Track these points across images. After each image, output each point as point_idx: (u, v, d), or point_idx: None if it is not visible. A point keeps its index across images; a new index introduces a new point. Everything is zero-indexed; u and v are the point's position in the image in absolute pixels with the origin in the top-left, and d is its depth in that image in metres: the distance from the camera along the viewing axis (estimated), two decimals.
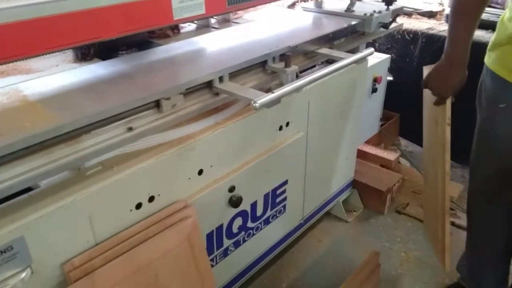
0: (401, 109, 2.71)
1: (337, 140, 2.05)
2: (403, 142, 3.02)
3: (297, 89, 1.29)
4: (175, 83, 1.18)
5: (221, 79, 1.30)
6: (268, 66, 1.46)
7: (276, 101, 1.21)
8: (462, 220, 2.34)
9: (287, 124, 1.64)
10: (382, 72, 2.26)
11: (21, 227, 0.94)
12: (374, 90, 2.24)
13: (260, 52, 1.43)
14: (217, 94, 1.32)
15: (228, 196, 1.45)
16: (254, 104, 1.15)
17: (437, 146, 1.62)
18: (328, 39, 1.67)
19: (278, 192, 1.72)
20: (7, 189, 0.89)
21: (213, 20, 1.96)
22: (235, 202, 1.45)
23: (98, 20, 1.14)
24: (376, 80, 2.21)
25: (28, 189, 1.03)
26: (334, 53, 1.61)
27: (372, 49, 1.62)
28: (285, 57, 1.42)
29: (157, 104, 1.16)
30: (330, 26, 1.76)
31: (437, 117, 1.59)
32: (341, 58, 1.52)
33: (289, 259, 2.06)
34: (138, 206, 1.18)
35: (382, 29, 1.91)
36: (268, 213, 1.71)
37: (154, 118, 1.17)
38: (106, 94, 1.11)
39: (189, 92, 1.25)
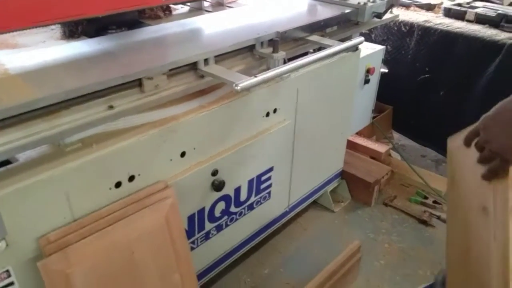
0: (394, 102, 2.71)
1: (327, 130, 2.05)
2: (396, 135, 3.02)
3: (282, 75, 1.28)
4: (159, 63, 1.17)
5: (206, 61, 1.29)
6: (256, 51, 1.45)
7: (259, 85, 1.20)
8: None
9: (275, 110, 1.64)
10: (376, 63, 2.25)
11: None
12: (366, 81, 2.23)
13: (249, 36, 1.42)
14: (202, 76, 1.32)
15: (210, 180, 1.46)
16: (236, 87, 1.14)
17: (487, 249, 0.93)
18: (320, 27, 1.66)
19: (263, 178, 1.72)
20: None
21: (206, 3, 1.95)
22: (217, 186, 1.46)
23: None
24: (369, 71, 2.20)
25: (7, 162, 1.03)
26: (324, 40, 1.60)
27: (361, 38, 1.62)
28: (273, 42, 1.41)
29: (139, 84, 1.16)
30: (323, 13, 1.75)
31: (486, 200, 0.95)
32: (331, 46, 1.51)
33: (273, 246, 2.07)
34: (118, 184, 1.18)
35: (376, 19, 1.90)
36: (252, 198, 1.72)
37: (136, 98, 1.16)
38: (88, 71, 1.10)
39: (173, 73, 1.24)
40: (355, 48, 1.96)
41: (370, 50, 2.22)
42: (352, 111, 2.18)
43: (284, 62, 1.48)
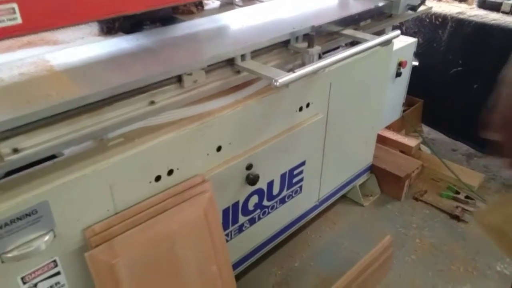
0: (425, 95, 2.66)
1: (357, 124, 2.03)
2: (426, 129, 2.97)
3: (319, 70, 1.28)
4: (197, 58, 1.19)
5: (243, 57, 1.30)
6: (291, 46, 1.45)
7: (297, 80, 1.20)
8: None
9: (308, 105, 1.64)
10: (408, 56, 2.21)
11: (45, 192, 0.98)
12: (398, 74, 2.20)
13: (283, 31, 1.42)
14: (238, 72, 1.32)
15: (245, 174, 1.47)
16: (275, 83, 1.15)
17: None
18: (354, 20, 1.64)
19: (295, 172, 1.73)
20: (32, 155, 0.92)
21: None
22: (252, 180, 1.47)
23: None
24: (401, 64, 2.17)
25: (53, 157, 1.07)
26: (359, 34, 1.59)
27: (398, 32, 1.59)
28: (308, 37, 1.40)
29: (179, 79, 1.18)
30: (356, 6, 1.73)
31: None
32: (366, 40, 1.50)
33: (303, 239, 2.08)
34: (158, 178, 1.21)
35: (410, 11, 1.86)
36: (284, 192, 1.73)
37: (176, 93, 1.18)
38: (130, 67, 1.13)
39: (211, 69, 1.25)
40: (389, 42, 1.94)
41: (403, 43, 2.18)
42: (383, 105, 2.16)
43: (319, 57, 1.48)
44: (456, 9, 2.39)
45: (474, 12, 2.33)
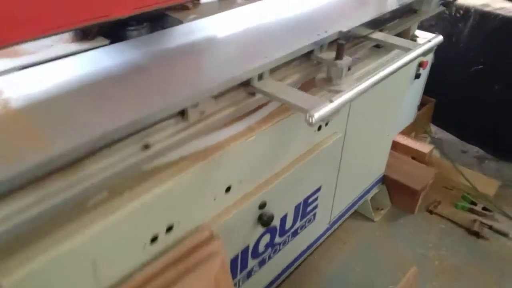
0: (438, 94, 2.43)
1: (374, 135, 1.79)
2: (433, 128, 2.76)
3: (362, 93, 1.01)
4: (205, 83, 0.90)
5: (260, 76, 1.02)
6: (314, 56, 1.17)
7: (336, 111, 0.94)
8: (501, 224, 2.13)
9: (327, 123, 1.38)
10: (429, 56, 1.96)
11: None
12: (417, 76, 1.94)
13: (303, 37, 1.14)
14: (253, 93, 1.05)
15: (257, 214, 1.21)
16: (310, 119, 0.88)
17: None
18: (383, 21, 1.37)
19: (310, 200, 1.48)
20: None
21: None
22: (266, 221, 1.21)
23: None
24: (421, 65, 1.91)
25: None
26: (392, 39, 1.32)
27: (440, 37, 1.33)
28: (338, 46, 1.13)
29: (181, 112, 0.89)
30: (380, 3, 1.45)
31: None
32: (405, 48, 1.23)
33: (311, 267, 1.85)
34: (154, 239, 0.94)
35: (441, 7, 1.60)
36: (297, 224, 1.48)
37: (177, 130, 0.90)
38: (116, 100, 0.83)
39: (221, 93, 0.97)
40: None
41: (425, 40, 1.92)
42: (400, 110, 1.91)
43: (348, 69, 1.21)
44: (480, 0, 2.14)
45: (500, 5, 2.08)
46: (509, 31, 2.01)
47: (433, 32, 2.19)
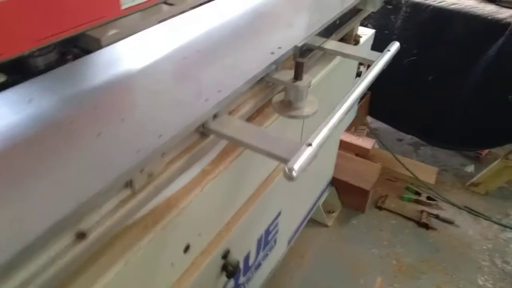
0: (372, 87, 2.38)
1: (326, 144, 1.68)
2: (368, 119, 2.75)
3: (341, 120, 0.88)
4: (149, 141, 0.69)
5: (215, 116, 0.83)
6: (269, 78, 1.01)
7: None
8: (446, 211, 2.18)
9: None
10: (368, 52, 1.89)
11: None
12: (358, 74, 1.87)
13: (255, 56, 0.97)
14: (206, 135, 0.86)
15: (221, 264, 1.04)
16: (290, 173, 0.72)
17: None
18: (334, 27, 1.24)
19: (271, 228, 1.33)
20: None
21: None
22: (231, 271, 1.04)
23: None
24: (361, 63, 1.84)
25: None
26: (350, 50, 1.21)
27: (397, 44, 1.24)
28: (296, 65, 0.97)
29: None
30: (323, 6, 1.32)
31: None
32: (368, 60, 1.13)
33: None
34: None
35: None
36: (260, 255, 1.33)
37: (121, 203, 0.69)
38: (33, 185, 0.60)
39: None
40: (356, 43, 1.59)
41: (365, 36, 1.84)
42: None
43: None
44: None
45: None
46: (440, 22, 2.00)
47: (366, 26, 2.14)
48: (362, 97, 2.40)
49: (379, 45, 2.18)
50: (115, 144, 0.67)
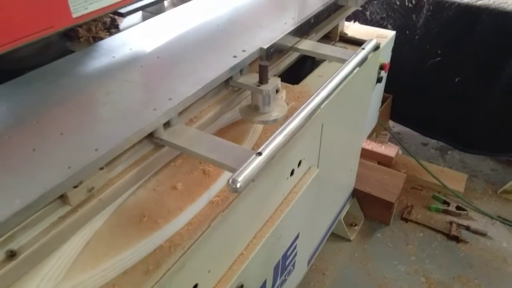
0: (395, 90, 2.27)
1: (345, 154, 1.58)
2: (390, 123, 2.62)
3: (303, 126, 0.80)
4: (84, 154, 0.63)
5: (167, 124, 0.76)
6: (233, 82, 0.92)
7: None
8: (477, 222, 2.04)
9: (299, 163, 1.13)
10: (388, 55, 1.77)
11: None
12: (379, 79, 1.75)
13: (217, 60, 0.92)
14: (160, 145, 0.79)
15: None
16: (234, 185, 0.64)
17: None
18: (309, 26, 1.14)
19: (288, 253, 1.24)
20: None
21: None
22: None
23: None
24: (382, 68, 1.72)
25: None
26: (324, 49, 1.11)
27: (374, 41, 1.13)
28: (260, 68, 0.88)
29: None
30: (301, 3, 1.22)
31: None
32: (340, 59, 1.04)
33: None
34: None
35: None
36: (277, 282, 1.24)
37: (59, 217, 0.62)
38: None
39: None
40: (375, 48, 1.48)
41: (380, 39, 1.72)
42: (366, 120, 1.72)
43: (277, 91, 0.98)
44: None
45: None
46: (467, 19, 1.87)
47: (385, 27, 2.03)
48: (383, 101, 2.28)
49: (400, 46, 2.07)
50: (48, 159, 0.64)
